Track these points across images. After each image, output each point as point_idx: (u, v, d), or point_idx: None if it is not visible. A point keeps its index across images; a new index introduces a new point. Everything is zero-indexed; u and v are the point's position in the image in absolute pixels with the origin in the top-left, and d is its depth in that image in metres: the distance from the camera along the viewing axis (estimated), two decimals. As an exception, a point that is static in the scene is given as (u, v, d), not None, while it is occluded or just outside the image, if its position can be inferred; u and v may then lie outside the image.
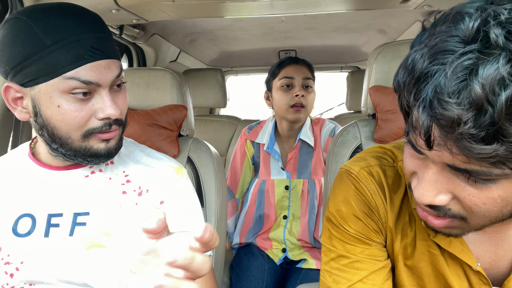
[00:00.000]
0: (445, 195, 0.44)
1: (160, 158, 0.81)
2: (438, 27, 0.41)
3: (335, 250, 0.64)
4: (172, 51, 2.04)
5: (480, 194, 0.42)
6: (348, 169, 0.65)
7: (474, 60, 0.36)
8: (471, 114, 0.36)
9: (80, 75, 0.62)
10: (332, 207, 0.65)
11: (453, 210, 0.46)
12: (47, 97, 0.63)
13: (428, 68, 0.39)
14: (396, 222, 0.61)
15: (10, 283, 0.66)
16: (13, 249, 0.68)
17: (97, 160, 0.70)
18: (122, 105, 0.71)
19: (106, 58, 0.65)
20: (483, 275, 0.56)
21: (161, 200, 0.75)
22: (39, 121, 0.65)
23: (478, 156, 0.37)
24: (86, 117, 0.65)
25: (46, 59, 0.61)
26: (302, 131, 1.45)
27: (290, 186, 1.46)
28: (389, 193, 0.62)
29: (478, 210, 0.44)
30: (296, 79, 1.40)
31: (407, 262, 0.61)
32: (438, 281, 0.59)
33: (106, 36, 0.66)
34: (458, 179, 0.43)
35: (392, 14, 1.65)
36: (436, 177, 0.44)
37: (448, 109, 0.37)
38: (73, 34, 0.61)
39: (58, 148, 0.67)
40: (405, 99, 0.43)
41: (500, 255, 0.57)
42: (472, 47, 0.36)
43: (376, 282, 0.61)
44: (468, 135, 0.36)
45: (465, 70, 0.36)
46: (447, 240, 0.56)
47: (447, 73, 0.37)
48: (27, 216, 0.70)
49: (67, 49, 0.61)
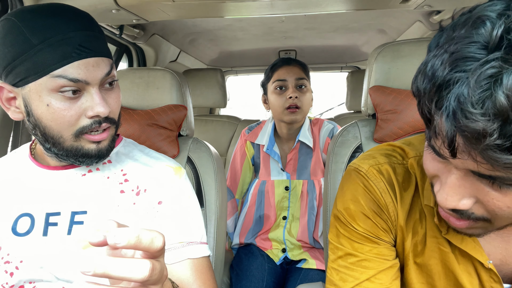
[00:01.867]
0: (468, 199, 0.44)
1: (158, 158, 0.81)
2: (457, 31, 0.40)
3: (343, 248, 0.64)
4: (172, 51, 2.04)
5: (504, 198, 0.42)
6: (357, 167, 0.65)
7: (498, 69, 0.35)
8: (497, 125, 0.35)
9: (68, 73, 0.62)
10: (340, 205, 0.65)
11: (476, 213, 0.46)
12: (36, 96, 0.63)
13: (450, 76, 0.38)
14: (406, 220, 0.61)
15: (10, 282, 0.66)
16: (13, 249, 0.68)
17: (89, 161, 0.70)
18: (114, 104, 0.70)
19: (94, 56, 0.64)
20: (494, 273, 0.55)
21: (159, 200, 0.75)
22: (31, 120, 0.66)
23: (504, 166, 0.37)
24: (75, 115, 0.64)
25: (33, 58, 0.61)
26: (301, 133, 1.45)
27: (290, 187, 1.46)
28: (400, 191, 0.61)
29: (502, 213, 0.44)
30: (289, 80, 1.40)
31: (417, 259, 0.61)
32: (448, 278, 0.59)
33: (95, 34, 0.66)
34: (482, 184, 0.43)
35: (392, 14, 1.65)
36: (460, 182, 0.44)
37: (473, 121, 0.36)
38: (60, 33, 0.61)
39: (51, 148, 0.68)
40: (426, 106, 0.42)
41: (511, 251, 0.56)
42: (496, 55, 0.35)
43: (383, 281, 0.60)
44: (494, 146, 0.36)
45: (489, 79, 0.35)
46: (459, 237, 0.56)
47: (470, 82, 0.36)
48: (26, 216, 0.70)
49: (54, 48, 0.61)
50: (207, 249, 0.77)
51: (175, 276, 0.72)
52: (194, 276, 0.73)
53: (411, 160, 0.63)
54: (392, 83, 1.02)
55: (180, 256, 0.72)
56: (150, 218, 0.73)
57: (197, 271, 0.73)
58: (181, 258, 0.72)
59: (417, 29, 1.65)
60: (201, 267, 0.74)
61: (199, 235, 0.77)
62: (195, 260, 0.74)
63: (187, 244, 0.74)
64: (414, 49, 1.00)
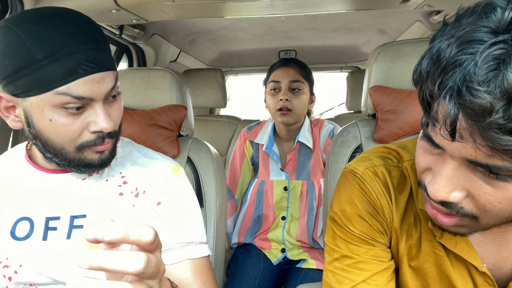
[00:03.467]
0: (460, 192, 0.43)
1: (156, 158, 0.80)
2: (464, 19, 0.40)
3: (339, 250, 0.64)
4: (172, 51, 2.04)
5: (496, 192, 0.41)
6: (352, 169, 0.65)
7: (506, 50, 0.35)
8: (502, 104, 0.35)
9: (72, 90, 0.60)
10: (336, 207, 0.65)
11: (465, 208, 0.45)
12: (39, 110, 0.61)
13: (456, 57, 0.38)
14: (401, 223, 0.61)
15: (9, 286, 0.66)
16: (12, 253, 0.67)
17: (91, 170, 0.69)
18: (116, 116, 0.69)
19: (99, 71, 0.62)
20: (488, 276, 0.55)
21: (158, 201, 0.75)
22: (32, 131, 0.64)
23: (503, 148, 0.36)
24: (78, 130, 0.64)
25: (37, 73, 0.58)
26: (301, 133, 1.45)
27: (289, 187, 1.45)
28: (394, 194, 0.61)
29: (492, 209, 0.43)
30: (283, 82, 1.39)
31: (411, 263, 0.61)
32: (442, 282, 0.59)
33: (100, 47, 0.63)
34: (476, 176, 0.42)
35: (392, 14, 1.65)
36: (453, 173, 0.43)
37: (479, 97, 0.36)
38: (65, 47, 0.59)
39: (52, 158, 0.67)
40: (428, 89, 0.41)
41: (504, 256, 0.56)
42: (505, 37, 0.36)
43: (379, 283, 0.60)
44: (496, 125, 0.35)
45: (496, 60, 0.35)
46: (453, 241, 0.56)
47: (477, 62, 0.36)
48: (25, 220, 0.69)
49: (59, 64, 0.58)
50: (207, 249, 0.77)
51: (174, 277, 0.72)
52: (194, 276, 0.73)
53: (405, 164, 0.62)
54: (392, 83, 1.02)
55: (179, 257, 0.72)
56: (149, 219, 0.73)
57: (197, 272, 0.73)
58: (181, 258, 0.72)
59: (417, 29, 1.64)
60: (200, 267, 0.74)
61: (199, 235, 0.77)
62: (194, 260, 0.74)
63: (186, 244, 0.74)
64: (414, 49, 1.00)
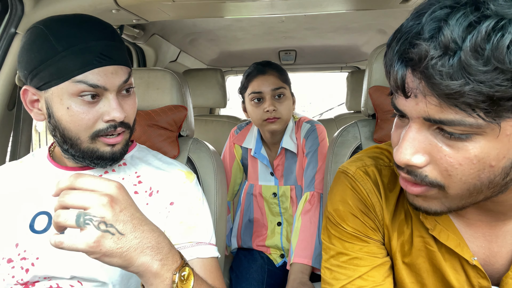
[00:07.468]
0: (422, 156, 0.46)
1: (171, 163, 0.86)
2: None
3: (334, 248, 0.66)
4: (172, 51, 2.04)
5: (456, 154, 0.44)
6: (345, 169, 0.68)
7: (447, 11, 0.40)
8: (438, 52, 0.39)
9: (88, 79, 0.66)
10: (330, 207, 0.67)
11: (429, 176, 0.47)
12: (58, 99, 0.68)
13: (410, 27, 0.43)
14: (392, 220, 0.63)
15: (25, 278, 0.69)
16: (30, 245, 0.70)
17: (103, 163, 0.73)
18: (130, 109, 0.74)
19: (113, 64, 0.69)
20: (480, 269, 0.56)
21: (171, 201, 0.78)
22: (52, 122, 0.70)
23: (446, 92, 0.40)
24: (93, 119, 0.69)
25: (58, 64, 0.66)
26: (284, 139, 1.39)
27: (278, 193, 1.44)
28: (385, 192, 0.63)
29: (454, 173, 0.45)
30: (265, 92, 1.31)
31: (405, 259, 0.63)
32: (436, 276, 0.60)
33: (116, 44, 0.71)
34: (436, 139, 0.45)
35: (392, 14, 1.65)
36: (415, 135, 0.46)
37: (417, 47, 0.41)
38: (83, 41, 0.66)
39: (68, 149, 0.72)
40: (388, 60, 0.46)
41: (494, 251, 0.58)
42: (446, 3, 0.41)
43: (376, 279, 0.62)
44: (438, 71, 0.40)
45: (439, 21, 0.40)
46: (444, 234, 0.57)
47: (423, 25, 0.41)
48: (43, 214, 0.73)
49: (76, 55, 0.66)
50: (216, 250, 0.79)
51: None
52: (203, 275, 0.74)
53: None
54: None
55: (189, 255, 0.74)
56: (162, 217, 0.76)
57: (206, 270, 0.75)
58: (191, 257, 0.74)
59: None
60: (210, 267, 0.76)
61: (208, 237, 0.80)
62: (204, 259, 0.76)
63: (196, 244, 0.76)
64: (414, 49, 1.00)
